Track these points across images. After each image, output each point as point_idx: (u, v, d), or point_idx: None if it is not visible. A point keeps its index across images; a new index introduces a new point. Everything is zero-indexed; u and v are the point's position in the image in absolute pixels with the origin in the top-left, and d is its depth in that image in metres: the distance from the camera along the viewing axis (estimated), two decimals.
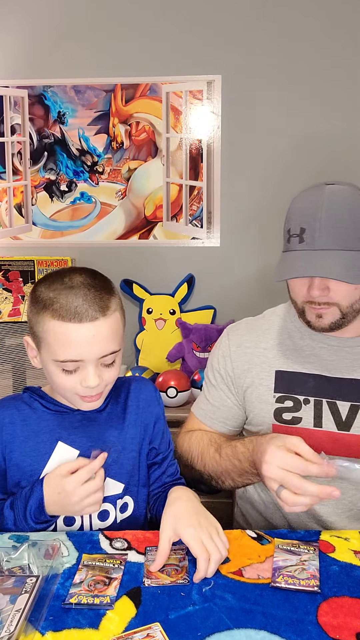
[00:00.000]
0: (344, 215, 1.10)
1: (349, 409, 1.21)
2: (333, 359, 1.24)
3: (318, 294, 1.13)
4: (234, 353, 1.33)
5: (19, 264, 2.47)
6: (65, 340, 1.00)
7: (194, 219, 2.54)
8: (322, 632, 0.82)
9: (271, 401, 1.27)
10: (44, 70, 2.50)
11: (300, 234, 1.12)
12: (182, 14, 2.43)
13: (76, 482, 1.00)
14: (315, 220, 1.10)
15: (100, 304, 1.02)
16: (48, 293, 1.03)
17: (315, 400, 1.23)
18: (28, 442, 1.11)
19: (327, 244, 1.10)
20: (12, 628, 0.80)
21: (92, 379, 1.03)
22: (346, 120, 2.44)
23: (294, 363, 1.26)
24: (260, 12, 2.41)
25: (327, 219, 1.10)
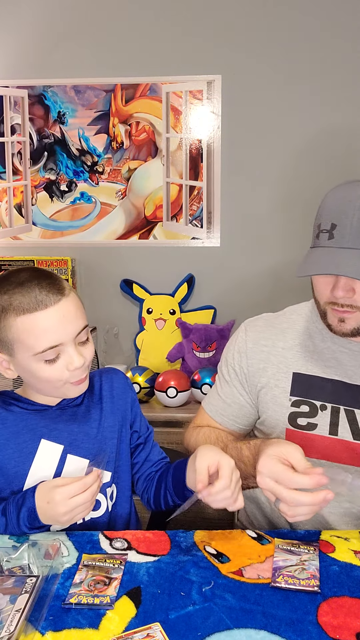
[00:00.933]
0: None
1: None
2: (354, 365, 1.19)
3: (342, 295, 1.08)
4: (250, 350, 1.29)
5: (19, 264, 2.47)
6: (38, 330, 1.02)
7: (194, 219, 2.54)
8: (322, 632, 0.82)
9: (286, 404, 1.23)
10: (44, 70, 2.50)
11: (330, 230, 1.08)
12: (182, 14, 2.43)
13: (66, 494, 0.99)
14: (347, 216, 1.06)
15: (56, 287, 1.04)
16: (2, 297, 1.04)
17: (332, 407, 1.19)
18: (9, 444, 1.11)
19: (357, 243, 1.05)
20: (12, 628, 0.80)
21: (76, 359, 1.05)
22: (346, 120, 2.44)
23: (313, 366, 1.22)
24: (260, 12, 2.41)
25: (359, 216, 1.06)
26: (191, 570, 0.96)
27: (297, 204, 2.45)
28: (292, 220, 2.46)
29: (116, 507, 1.18)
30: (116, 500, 1.18)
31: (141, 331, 2.56)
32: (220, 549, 1.03)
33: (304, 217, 2.45)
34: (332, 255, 1.06)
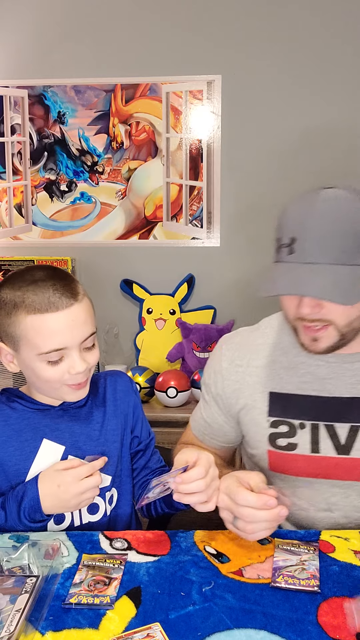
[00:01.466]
0: (338, 225, 0.99)
1: (349, 431, 1.13)
2: (331, 377, 1.15)
3: (308, 312, 1.03)
4: (225, 370, 1.24)
5: (19, 264, 2.47)
6: (46, 331, 1.02)
7: (194, 219, 2.54)
8: (322, 632, 0.82)
9: (265, 425, 1.18)
10: (44, 70, 2.50)
11: (290, 244, 1.02)
12: (182, 14, 2.43)
13: (77, 475, 1.01)
14: (305, 229, 1.00)
15: (70, 290, 1.04)
16: (14, 293, 1.04)
17: (311, 425, 1.15)
18: (11, 442, 1.11)
19: (318, 257, 0.99)
20: (12, 628, 0.80)
21: (79, 365, 1.05)
22: (347, 120, 2.44)
23: (288, 383, 1.17)
24: (260, 12, 2.41)
25: (319, 228, 0.99)
26: (191, 570, 0.96)
27: None
28: None
29: (117, 510, 1.18)
30: (117, 504, 1.18)
31: (141, 331, 2.56)
32: (220, 549, 1.03)
33: None
34: (294, 272, 1.01)
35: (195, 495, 0.97)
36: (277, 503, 0.96)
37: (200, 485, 0.96)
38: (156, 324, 2.54)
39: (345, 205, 1.01)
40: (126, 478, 1.20)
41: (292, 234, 1.02)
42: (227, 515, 0.99)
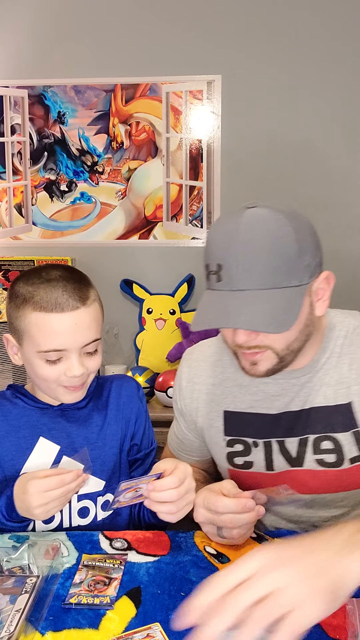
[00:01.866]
0: (264, 248, 0.94)
1: (298, 444, 1.12)
2: (279, 394, 1.13)
3: (244, 340, 0.99)
4: (184, 388, 1.23)
5: (19, 264, 2.47)
6: (48, 330, 1.02)
7: (194, 219, 2.54)
8: (322, 632, 0.82)
9: (222, 444, 1.18)
10: (44, 70, 2.50)
11: (217, 271, 0.97)
12: (182, 14, 2.43)
13: (41, 487, 0.96)
14: (230, 254, 0.95)
15: (80, 294, 1.05)
16: (27, 287, 1.05)
17: (264, 442, 1.14)
18: (8, 438, 1.12)
19: (247, 283, 0.95)
20: (12, 628, 0.80)
21: (76, 368, 1.04)
22: (347, 120, 2.44)
23: (240, 402, 1.16)
24: (260, 12, 2.41)
25: (244, 252, 0.94)
26: (191, 571, 0.96)
27: (296, 204, 2.45)
28: None
29: (114, 516, 1.17)
30: (113, 511, 1.17)
31: (141, 331, 2.56)
32: (220, 549, 1.02)
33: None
34: (223, 301, 0.96)
35: (165, 505, 0.95)
36: (255, 504, 0.96)
37: (172, 495, 0.94)
38: (156, 324, 2.54)
39: (269, 226, 0.96)
40: None
41: (218, 261, 0.97)
42: (210, 528, 1.00)
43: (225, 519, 0.96)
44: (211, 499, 0.98)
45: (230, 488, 1.01)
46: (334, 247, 2.48)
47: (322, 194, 2.46)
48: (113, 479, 1.17)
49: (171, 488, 0.94)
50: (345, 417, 1.10)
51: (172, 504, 0.95)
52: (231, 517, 0.96)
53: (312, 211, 1.20)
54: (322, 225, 2.65)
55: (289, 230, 0.97)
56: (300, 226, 1.00)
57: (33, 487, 0.96)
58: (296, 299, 0.98)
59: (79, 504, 1.12)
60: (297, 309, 0.98)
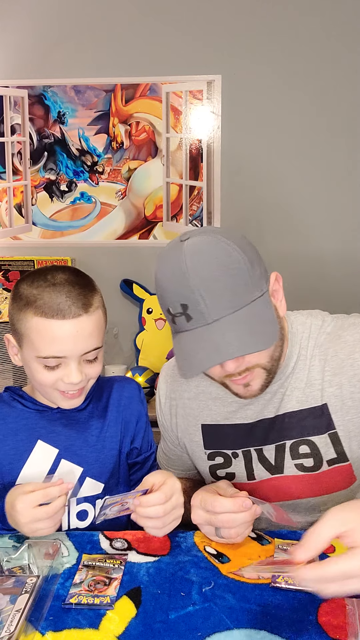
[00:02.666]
0: (218, 272, 0.93)
1: (275, 450, 1.12)
2: (252, 403, 1.13)
3: (234, 367, 0.98)
4: (163, 405, 1.23)
5: (19, 264, 2.47)
6: (48, 336, 1.00)
7: (194, 219, 2.54)
8: (322, 632, 0.82)
9: (204, 457, 1.18)
10: (44, 70, 2.50)
11: (184, 312, 0.95)
12: (182, 14, 2.43)
13: (28, 503, 0.94)
14: (191, 291, 0.93)
15: (84, 300, 1.03)
16: (31, 290, 1.03)
17: (243, 452, 1.14)
18: (6, 441, 1.11)
19: (218, 312, 0.93)
20: (12, 628, 0.80)
21: (74, 375, 1.03)
22: (347, 119, 2.44)
23: (216, 414, 1.16)
24: (260, 12, 2.41)
25: (202, 283, 0.92)
26: (191, 571, 0.96)
27: (296, 204, 2.45)
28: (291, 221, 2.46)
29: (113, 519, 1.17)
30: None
31: (141, 331, 2.56)
32: (220, 549, 1.02)
33: (304, 218, 2.45)
34: (204, 337, 0.94)
35: (151, 520, 0.95)
36: (252, 502, 0.97)
37: (158, 511, 0.94)
38: (156, 324, 2.54)
39: (213, 251, 0.95)
40: (123, 487, 1.19)
41: (180, 301, 0.94)
42: (209, 529, 1.00)
43: (223, 518, 0.96)
44: (208, 500, 0.98)
45: (226, 488, 1.02)
46: (335, 248, 2.48)
47: (322, 193, 2.46)
48: (112, 482, 1.16)
49: (157, 504, 0.94)
50: (320, 419, 1.09)
51: (158, 520, 0.95)
52: (228, 517, 0.96)
53: (313, 211, 1.20)
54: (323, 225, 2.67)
55: (233, 248, 0.96)
56: (239, 241, 0.98)
57: (20, 504, 0.94)
58: (266, 309, 0.99)
59: (78, 507, 1.12)
60: (272, 317, 0.99)
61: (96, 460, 1.14)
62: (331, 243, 2.46)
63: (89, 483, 1.13)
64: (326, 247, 2.45)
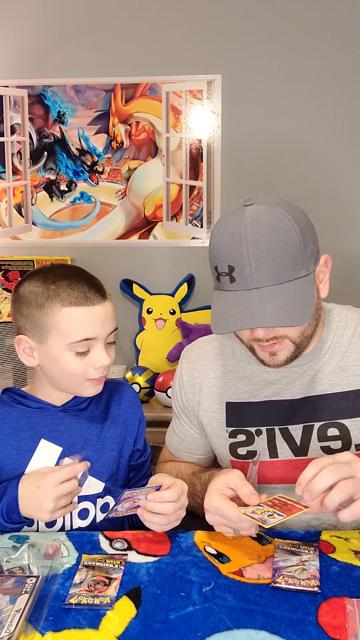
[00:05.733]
0: (272, 244, 0.98)
1: (302, 431, 1.14)
2: (282, 382, 1.15)
3: (263, 334, 1.03)
4: (185, 383, 1.25)
5: (18, 263, 2.47)
6: (79, 322, 1.07)
7: (194, 218, 2.54)
8: (322, 632, 0.82)
9: (225, 436, 1.20)
10: (43, 70, 2.50)
11: (229, 273, 1.00)
12: (182, 14, 2.43)
13: (57, 478, 1.01)
14: (242, 255, 0.97)
15: (102, 289, 1.12)
16: (48, 286, 1.08)
17: (267, 430, 1.16)
18: (8, 441, 1.12)
19: (261, 281, 0.98)
20: (12, 628, 0.80)
21: (104, 357, 1.10)
22: (347, 119, 2.44)
23: (242, 392, 1.18)
24: (260, 12, 2.41)
25: (255, 252, 0.97)
26: (191, 571, 0.96)
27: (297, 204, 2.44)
28: None
29: (113, 519, 1.17)
30: None
31: (141, 331, 2.55)
32: (220, 549, 1.03)
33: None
34: (242, 302, 0.99)
35: (158, 517, 1.00)
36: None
37: (168, 508, 0.99)
38: (156, 324, 2.54)
39: (273, 224, 0.99)
40: (121, 489, 1.19)
41: (228, 262, 0.99)
42: (226, 529, 1.01)
43: (242, 525, 0.98)
44: (225, 510, 0.98)
45: (237, 482, 1.01)
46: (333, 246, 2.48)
47: (322, 193, 2.46)
48: (111, 482, 1.17)
49: (169, 501, 0.99)
50: (355, 403, 1.12)
51: (164, 517, 1.00)
52: (246, 524, 0.97)
53: (313, 211, 1.20)
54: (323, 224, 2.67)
55: (292, 225, 1.01)
56: (299, 218, 1.04)
57: (50, 480, 1.00)
58: (308, 288, 1.02)
59: (79, 506, 1.12)
60: (311, 298, 1.03)
61: (97, 459, 1.15)
62: (332, 242, 2.46)
63: (90, 481, 1.13)
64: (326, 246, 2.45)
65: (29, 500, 1.01)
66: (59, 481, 1.00)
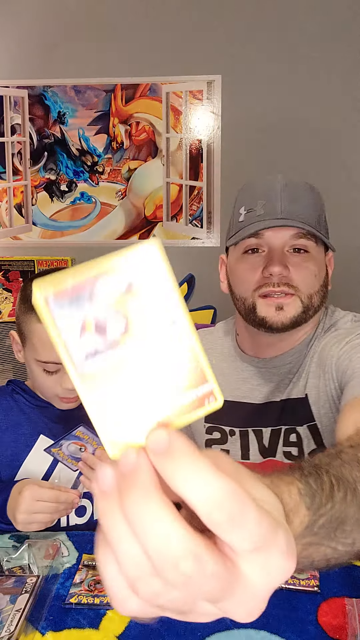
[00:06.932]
0: (303, 193, 1.04)
1: (270, 434, 1.11)
2: (259, 383, 1.13)
3: (279, 271, 0.99)
4: None
5: (19, 264, 2.47)
6: (48, 343, 1.02)
7: (194, 219, 2.54)
8: (322, 632, 0.82)
9: (202, 431, 1.18)
10: (44, 71, 2.50)
11: (259, 207, 1.02)
12: (182, 14, 2.43)
13: (36, 494, 0.97)
14: (276, 193, 1.01)
15: None
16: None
17: (240, 431, 1.14)
18: (7, 433, 1.13)
19: (291, 214, 1.00)
20: (12, 628, 0.80)
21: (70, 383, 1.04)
22: (347, 120, 2.44)
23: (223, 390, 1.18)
24: (260, 13, 2.41)
25: (288, 193, 1.02)
26: None
27: None
28: None
29: None
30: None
31: None
32: None
33: None
34: (268, 224, 1.00)
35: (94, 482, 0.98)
36: None
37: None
38: None
39: (305, 183, 1.07)
40: None
41: (259, 199, 1.03)
42: None
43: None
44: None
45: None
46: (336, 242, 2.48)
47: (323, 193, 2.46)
48: None
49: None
50: (304, 409, 1.08)
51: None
52: None
53: None
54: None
55: (317, 192, 1.08)
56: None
57: (28, 492, 0.96)
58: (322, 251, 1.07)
59: None
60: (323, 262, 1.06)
61: None
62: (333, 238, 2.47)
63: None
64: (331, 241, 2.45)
65: (11, 504, 1.00)
66: (37, 498, 0.96)
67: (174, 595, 0.29)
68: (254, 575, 0.30)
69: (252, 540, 0.29)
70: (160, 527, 0.29)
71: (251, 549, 0.29)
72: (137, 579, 0.30)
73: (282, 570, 0.30)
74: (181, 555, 0.28)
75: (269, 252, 1.02)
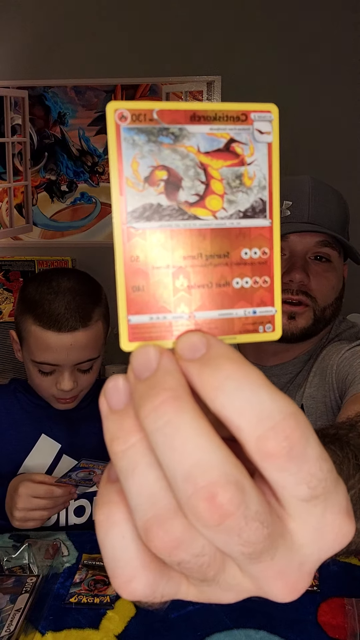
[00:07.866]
0: (330, 197, 1.03)
1: None
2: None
3: (300, 278, 0.97)
4: None
5: (19, 264, 2.47)
6: (43, 345, 1.03)
7: None
8: (322, 632, 0.82)
9: None
10: (44, 71, 2.50)
11: (287, 208, 1.01)
12: (182, 15, 2.43)
13: (31, 491, 0.96)
14: (303, 194, 1.00)
15: (82, 313, 1.04)
16: (34, 295, 1.05)
17: None
18: (9, 431, 1.13)
19: (318, 219, 0.98)
20: (12, 628, 0.80)
21: (66, 384, 1.05)
22: (347, 120, 2.44)
23: None
24: (260, 13, 2.41)
25: (316, 195, 1.00)
26: None
27: None
28: None
29: None
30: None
31: None
32: None
33: None
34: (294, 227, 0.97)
35: None
36: None
37: None
38: None
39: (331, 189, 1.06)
40: None
41: (286, 199, 1.01)
42: None
43: None
44: None
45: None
46: None
47: None
48: None
49: None
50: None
51: None
52: None
53: None
54: None
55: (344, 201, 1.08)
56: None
57: (24, 489, 0.96)
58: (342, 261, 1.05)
59: (76, 503, 1.13)
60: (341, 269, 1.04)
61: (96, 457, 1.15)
62: None
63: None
64: None
65: (6, 503, 1.01)
66: (31, 494, 0.96)
67: (200, 545, 0.22)
68: (304, 534, 0.23)
69: (312, 484, 0.22)
70: (195, 444, 0.22)
71: (307, 497, 0.22)
72: (154, 521, 0.23)
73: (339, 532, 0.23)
74: (221, 482, 0.21)
75: (291, 257, 0.99)
